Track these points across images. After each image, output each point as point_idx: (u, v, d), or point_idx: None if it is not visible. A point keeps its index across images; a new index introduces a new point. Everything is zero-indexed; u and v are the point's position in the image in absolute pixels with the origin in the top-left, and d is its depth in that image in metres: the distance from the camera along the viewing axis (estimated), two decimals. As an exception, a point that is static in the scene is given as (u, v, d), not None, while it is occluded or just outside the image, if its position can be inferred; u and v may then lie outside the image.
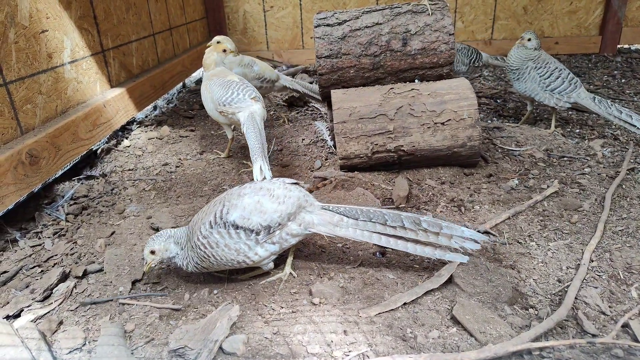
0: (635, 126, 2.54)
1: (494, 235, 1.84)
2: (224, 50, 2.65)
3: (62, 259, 1.82)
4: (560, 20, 5.11)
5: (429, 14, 2.43)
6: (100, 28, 2.88)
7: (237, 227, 1.49)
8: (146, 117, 3.66)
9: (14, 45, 2.11)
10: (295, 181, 1.65)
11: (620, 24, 4.95)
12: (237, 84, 2.39)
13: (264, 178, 1.95)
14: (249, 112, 2.26)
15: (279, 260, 1.67)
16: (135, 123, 3.48)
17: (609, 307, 1.44)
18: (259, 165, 1.99)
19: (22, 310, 1.54)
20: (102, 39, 2.91)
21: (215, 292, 1.57)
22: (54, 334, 1.44)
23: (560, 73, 2.74)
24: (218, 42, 2.66)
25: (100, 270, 1.74)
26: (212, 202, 1.60)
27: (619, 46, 5.15)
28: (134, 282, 1.66)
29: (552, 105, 2.77)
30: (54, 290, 1.63)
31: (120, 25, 3.13)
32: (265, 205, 1.52)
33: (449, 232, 1.53)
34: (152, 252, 1.56)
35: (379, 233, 1.55)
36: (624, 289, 1.52)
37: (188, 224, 1.67)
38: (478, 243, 1.55)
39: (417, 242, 1.55)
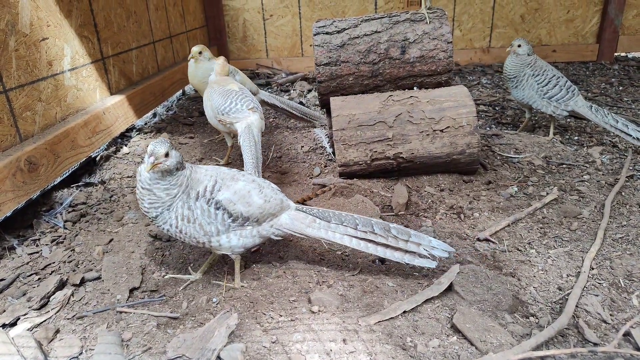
0: (631, 135, 2.55)
1: (493, 242, 1.83)
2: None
3: (59, 267, 1.81)
4: (557, 29, 5.14)
5: (427, 23, 2.44)
6: (100, 36, 2.89)
7: (218, 207, 1.51)
8: (145, 124, 3.66)
9: (14, 53, 2.11)
10: (274, 186, 1.70)
11: (617, 32, 4.98)
12: (237, 93, 2.38)
13: None
14: (246, 123, 2.26)
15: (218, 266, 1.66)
16: (134, 130, 3.48)
17: (610, 315, 1.44)
18: None
19: (19, 319, 1.52)
20: (102, 47, 2.92)
21: (213, 300, 1.56)
22: (50, 342, 1.42)
23: (558, 81, 2.75)
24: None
25: (98, 278, 1.73)
26: (202, 168, 1.59)
27: (616, 54, 5.18)
28: (131, 290, 1.65)
29: (550, 113, 2.78)
30: (51, 299, 1.62)
31: (120, 33, 3.14)
32: (253, 198, 1.56)
33: (417, 240, 1.57)
34: (167, 155, 1.45)
35: (349, 236, 1.58)
36: (625, 297, 1.51)
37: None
38: (446, 252, 1.57)
39: (387, 246, 1.58)
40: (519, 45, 2.80)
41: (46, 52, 2.35)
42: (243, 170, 1.70)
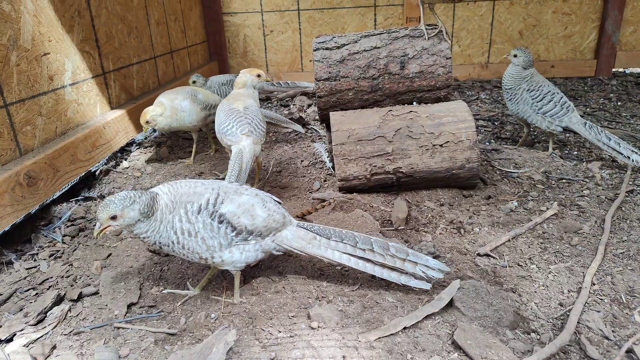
0: (622, 154, 2.57)
1: (494, 257, 1.82)
2: (259, 76, 2.55)
3: (57, 282, 1.80)
4: (555, 44, 5.20)
5: (426, 39, 2.47)
6: (101, 51, 2.92)
7: (222, 221, 1.50)
8: (145, 138, 3.67)
9: (16, 68, 2.13)
10: (277, 199, 1.70)
11: (614, 48, 5.04)
12: (237, 115, 2.28)
13: None
14: (238, 148, 2.20)
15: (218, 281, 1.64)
16: (134, 144, 3.49)
17: (612, 331, 1.42)
18: None
19: (15, 334, 1.51)
20: (103, 62, 2.94)
21: (212, 315, 1.55)
22: (46, 359, 1.40)
23: (552, 97, 2.76)
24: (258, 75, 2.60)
25: (96, 293, 1.71)
26: (198, 182, 1.57)
27: (614, 70, 5.23)
28: (129, 306, 1.63)
29: (544, 128, 2.80)
30: (48, 314, 1.61)
31: (121, 48, 3.17)
32: (257, 212, 1.56)
33: (414, 259, 1.58)
34: (113, 218, 1.42)
35: (349, 254, 1.59)
36: (627, 313, 1.50)
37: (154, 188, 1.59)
38: (442, 272, 1.58)
39: (384, 266, 1.59)
40: (515, 55, 2.81)
41: (47, 67, 2.36)
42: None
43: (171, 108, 2.82)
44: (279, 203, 1.69)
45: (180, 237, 1.49)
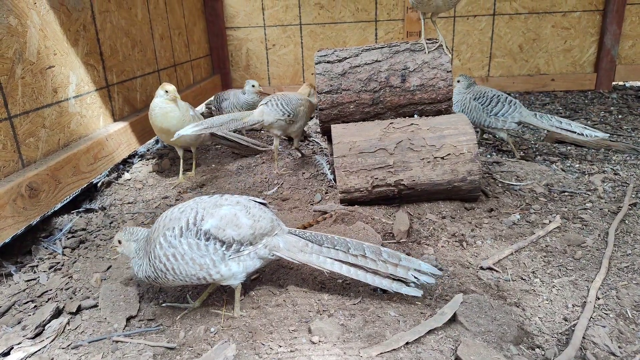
0: (575, 132, 2.84)
1: (497, 271, 1.81)
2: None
3: (56, 294, 1.78)
4: (555, 58, 5.23)
5: (426, 52, 2.48)
6: (105, 64, 2.94)
7: (208, 237, 1.48)
8: (148, 150, 3.68)
9: (21, 81, 2.15)
10: (263, 201, 1.69)
11: (614, 61, 5.06)
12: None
13: None
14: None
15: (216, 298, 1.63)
16: (136, 156, 3.49)
17: (619, 347, 1.40)
18: None
19: (12, 348, 1.49)
20: (107, 75, 2.97)
21: (211, 330, 1.53)
22: (43, 373, 1.39)
23: (499, 98, 3.06)
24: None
25: (95, 306, 1.70)
26: (175, 208, 1.58)
27: (614, 83, 5.25)
28: (128, 319, 1.62)
29: (500, 127, 3.03)
30: (46, 327, 1.59)
31: (125, 62, 3.20)
32: (242, 220, 1.54)
33: (407, 264, 1.58)
34: (119, 242, 1.63)
35: (340, 261, 1.58)
36: (633, 329, 1.48)
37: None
38: (434, 277, 1.59)
39: (376, 273, 1.59)
40: (458, 81, 3.25)
41: (52, 80, 2.38)
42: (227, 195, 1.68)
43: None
44: (264, 205, 1.67)
45: (167, 263, 1.48)
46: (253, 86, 3.79)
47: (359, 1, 5.14)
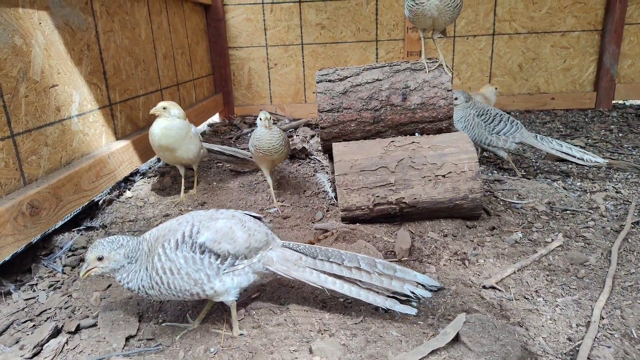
0: (576, 156, 2.83)
1: (500, 290, 1.79)
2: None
3: (55, 313, 1.77)
4: (555, 77, 5.28)
5: (426, 71, 2.51)
6: (109, 83, 2.98)
7: (203, 250, 1.47)
8: (150, 168, 3.69)
9: (24, 99, 2.17)
10: (258, 215, 1.69)
11: (613, 80, 5.11)
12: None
13: None
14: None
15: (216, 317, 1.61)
16: (138, 174, 3.50)
17: (625, 368, 1.37)
18: None
19: (9, 368, 1.47)
20: (110, 93, 3.00)
21: (211, 350, 1.51)
22: (40, 394, 1.36)
23: (501, 117, 3.07)
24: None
25: (94, 325, 1.68)
26: (174, 220, 1.57)
27: (613, 102, 5.28)
28: (127, 338, 1.60)
29: (501, 146, 3.02)
30: (44, 347, 1.57)
31: (128, 81, 3.24)
32: (237, 234, 1.53)
33: (402, 276, 1.57)
34: (100, 259, 1.46)
35: (335, 275, 1.57)
36: (639, 349, 1.45)
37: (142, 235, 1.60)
38: (430, 291, 1.58)
39: (370, 289, 1.58)
40: (456, 98, 3.18)
41: (55, 98, 2.41)
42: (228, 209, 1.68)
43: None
44: (259, 219, 1.67)
45: (163, 276, 1.46)
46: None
47: (360, 21, 5.22)
